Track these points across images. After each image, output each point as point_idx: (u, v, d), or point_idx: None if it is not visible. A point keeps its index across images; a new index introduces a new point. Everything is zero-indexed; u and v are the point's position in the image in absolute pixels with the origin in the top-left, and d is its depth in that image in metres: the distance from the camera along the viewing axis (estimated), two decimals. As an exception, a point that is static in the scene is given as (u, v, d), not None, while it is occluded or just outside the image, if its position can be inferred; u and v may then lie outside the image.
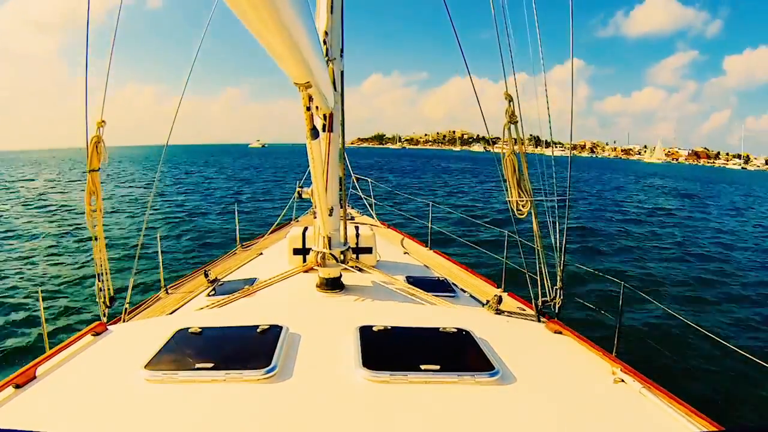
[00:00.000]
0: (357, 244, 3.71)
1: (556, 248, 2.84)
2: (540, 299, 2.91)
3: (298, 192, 3.16)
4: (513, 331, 2.41)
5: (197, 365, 1.69)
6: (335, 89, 2.81)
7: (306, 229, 3.75)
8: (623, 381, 1.75)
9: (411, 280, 3.50)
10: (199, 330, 2.01)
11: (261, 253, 4.93)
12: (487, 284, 4.19)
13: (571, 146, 2.81)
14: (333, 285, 3.16)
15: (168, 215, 16.26)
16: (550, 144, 3.04)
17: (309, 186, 2.98)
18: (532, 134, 3.16)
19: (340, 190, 3.25)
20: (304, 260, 3.65)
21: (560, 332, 2.29)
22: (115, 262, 8.40)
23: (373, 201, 7.04)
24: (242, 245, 5.52)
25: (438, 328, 2.07)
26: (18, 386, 1.62)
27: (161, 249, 4.41)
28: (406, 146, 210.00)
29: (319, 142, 2.50)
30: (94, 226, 2.96)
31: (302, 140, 2.35)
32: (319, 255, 3.11)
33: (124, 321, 3.09)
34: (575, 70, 2.87)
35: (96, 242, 3.01)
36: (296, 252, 3.70)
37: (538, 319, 2.86)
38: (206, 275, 3.85)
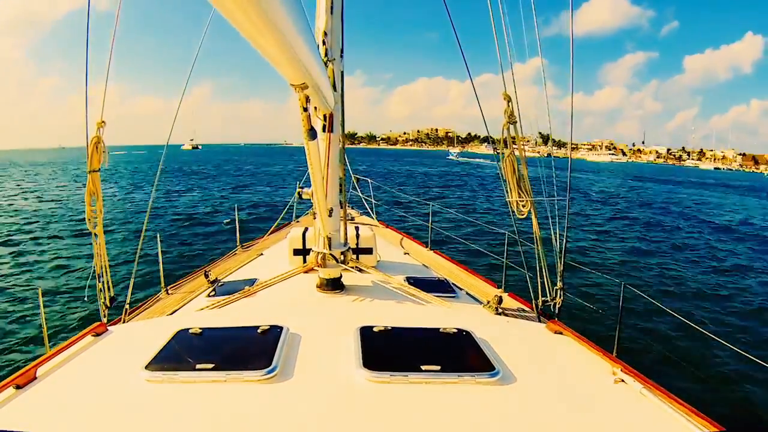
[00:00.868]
0: (357, 244, 3.71)
1: (556, 248, 2.84)
2: (540, 299, 2.91)
3: (299, 192, 3.15)
4: (513, 332, 2.41)
5: (198, 366, 1.69)
6: (335, 90, 2.81)
7: (306, 229, 3.75)
8: (623, 381, 1.74)
9: (411, 280, 3.50)
10: (200, 330, 2.01)
11: (261, 254, 4.93)
12: (487, 284, 4.19)
13: (571, 146, 2.82)
14: (333, 285, 3.16)
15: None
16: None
17: (309, 187, 2.98)
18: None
19: (340, 191, 3.25)
20: (305, 261, 3.65)
21: (560, 332, 2.29)
22: (115, 262, 8.36)
23: (373, 201, 7.05)
24: (242, 246, 5.52)
25: (438, 329, 2.07)
26: (18, 387, 1.61)
27: (161, 249, 4.41)
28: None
29: (318, 143, 2.50)
30: (95, 226, 2.97)
31: (236, 140, 2.29)
32: (320, 255, 3.11)
33: (124, 321, 3.09)
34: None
35: (96, 242, 3.01)
36: (296, 252, 3.70)
37: (539, 319, 2.87)
38: (206, 276, 3.85)
